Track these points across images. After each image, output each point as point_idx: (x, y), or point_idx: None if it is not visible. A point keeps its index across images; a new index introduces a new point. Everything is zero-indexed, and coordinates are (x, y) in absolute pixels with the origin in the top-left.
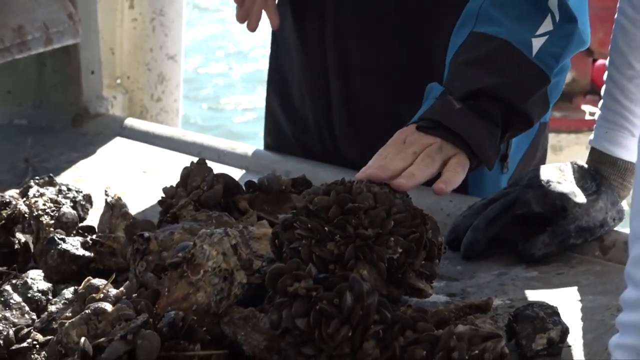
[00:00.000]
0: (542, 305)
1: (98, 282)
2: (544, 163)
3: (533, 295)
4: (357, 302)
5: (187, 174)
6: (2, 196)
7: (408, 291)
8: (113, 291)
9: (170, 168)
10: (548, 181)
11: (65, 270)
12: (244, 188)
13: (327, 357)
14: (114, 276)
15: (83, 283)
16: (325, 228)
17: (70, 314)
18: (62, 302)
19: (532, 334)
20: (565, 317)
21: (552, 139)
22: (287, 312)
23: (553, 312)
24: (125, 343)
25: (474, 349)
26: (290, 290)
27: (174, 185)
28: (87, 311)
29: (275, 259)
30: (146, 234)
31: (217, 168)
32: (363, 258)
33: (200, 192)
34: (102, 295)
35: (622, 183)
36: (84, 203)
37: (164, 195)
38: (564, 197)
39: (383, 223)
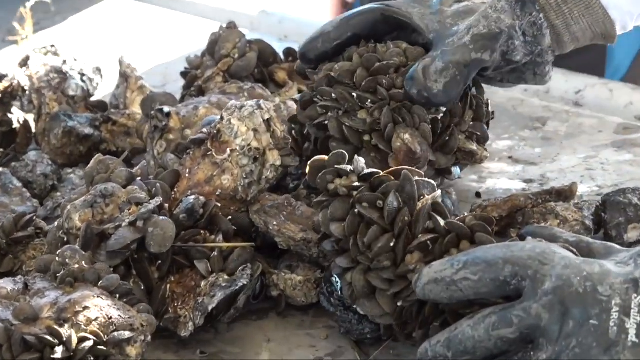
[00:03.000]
0: (636, 191)
1: (109, 160)
2: None
3: (626, 180)
4: (406, 205)
5: (215, 40)
6: None
7: (459, 157)
8: (126, 171)
9: (194, 36)
10: None
11: (71, 152)
12: (282, 57)
13: (362, 271)
14: (126, 153)
15: (92, 160)
16: (353, 95)
17: (75, 196)
18: (70, 188)
19: (624, 223)
20: None
21: None
22: (324, 214)
23: None
24: (134, 230)
25: None
26: (331, 189)
27: (200, 54)
28: (93, 192)
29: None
30: (166, 109)
31: (251, 37)
32: (402, 121)
33: (231, 61)
34: (112, 174)
35: None
36: (93, 75)
37: (187, 66)
38: None
39: None
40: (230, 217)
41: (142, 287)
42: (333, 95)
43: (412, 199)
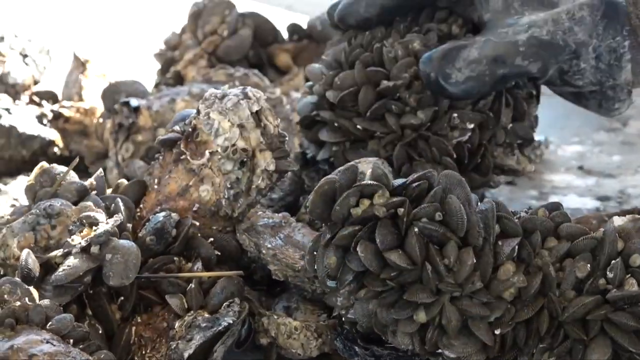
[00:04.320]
0: None
1: (57, 169)
2: None
3: None
4: (469, 209)
5: (197, 12)
6: None
7: (497, 173)
8: (77, 183)
9: (172, 7)
10: None
11: (11, 157)
12: (285, 34)
13: (451, 301)
14: (77, 160)
15: (34, 170)
16: (358, 126)
17: (12, 216)
18: (10, 204)
19: None
20: None
21: None
22: (365, 248)
23: None
24: (87, 258)
25: None
26: (358, 214)
27: (179, 31)
28: (35, 211)
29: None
30: (134, 102)
31: (246, 6)
32: (419, 156)
33: (218, 40)
34: (59, 188)
35: None
36: (39, 57)
37: (163, 47)
38: None
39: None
40: (211, 239)
41: (101, 331)
42: (335, 124)
43: (468, 202)
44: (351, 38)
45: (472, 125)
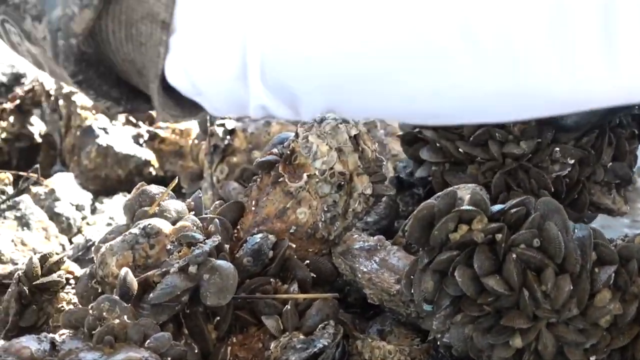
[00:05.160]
0: None
1: (155, 189)
2: None
3: None
4: (567, 236)
5: None
6: (12, 66)
7: (592, 210)
8: (175, 204)
9: None
10: None
11: (107, 176)
12: None
13: (548, 327)
14: (175, 181)
15: (134, 190)
16: (460, 150)
17: (110, 235)
18: (106, 222)
19: None
20: None
21: None
22: (462, 271)
23: None
24: (185, 278)
25: None
26: (456, 239)
27: None
28: (134, 230)
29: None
30: (230, 124)
31: None
32: (517, 187)
33: None
34: (158, 208)
35: None
36: None
37: None
38: None
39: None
40: (307, 262)
41: (197, 350)
42: (437, 144)
43: (565, 229)
44: None
45: (572, 161)
